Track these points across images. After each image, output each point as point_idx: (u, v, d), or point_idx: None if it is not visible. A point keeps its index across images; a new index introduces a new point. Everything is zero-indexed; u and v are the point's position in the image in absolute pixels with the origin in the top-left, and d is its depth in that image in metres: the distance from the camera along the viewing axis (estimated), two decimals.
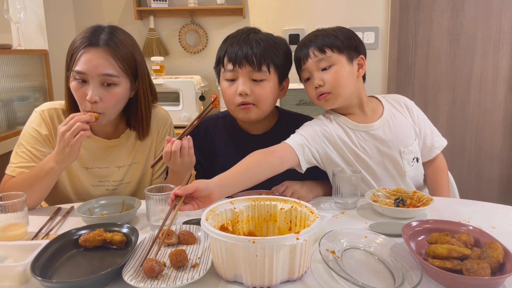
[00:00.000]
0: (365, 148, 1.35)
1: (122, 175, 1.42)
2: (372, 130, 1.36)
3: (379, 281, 0.84)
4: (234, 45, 1.32)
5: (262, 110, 1.36)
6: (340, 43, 1.32)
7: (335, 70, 1.31)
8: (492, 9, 2.87)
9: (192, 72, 2.92)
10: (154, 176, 1.46)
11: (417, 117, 1.42)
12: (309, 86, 1.36)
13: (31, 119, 1.37)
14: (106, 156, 1.40)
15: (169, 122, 1.49)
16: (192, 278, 0.83)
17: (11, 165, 1.31)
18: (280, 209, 1.00)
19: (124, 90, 1.29)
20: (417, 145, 1.40)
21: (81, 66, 1.23)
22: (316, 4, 2.84)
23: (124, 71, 1.27)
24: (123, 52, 1.26)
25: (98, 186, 1.40)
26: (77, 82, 1.25)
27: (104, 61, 1.23)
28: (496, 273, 0.82)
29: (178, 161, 1.20)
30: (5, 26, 2.34)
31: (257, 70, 1.31)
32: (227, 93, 1.36)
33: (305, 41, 1.36)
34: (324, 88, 1.31)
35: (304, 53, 1.34)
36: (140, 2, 2.86)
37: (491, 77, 2.95)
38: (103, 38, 1.25)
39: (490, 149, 3.03)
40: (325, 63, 1.31)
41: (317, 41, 1.33)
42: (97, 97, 1.23)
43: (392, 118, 1.39)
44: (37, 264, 0.85)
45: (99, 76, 1.23)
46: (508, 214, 1.19)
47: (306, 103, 2.51)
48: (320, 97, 1.33)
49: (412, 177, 1.40)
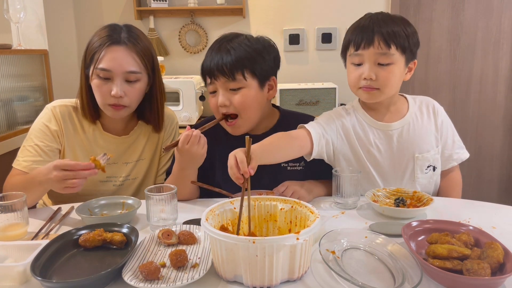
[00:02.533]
0: (379, 146, 1.33)
1: (129, 171, 1.45)
2: (389, 130, 1.33)
3: (379, 281, 0.84)
4: (208, 57, 1.34)
5: (247, 119, 1.35)
6: (406, 44, 1.25)
7: (391, 70, 1.25)
8: (492, 9, 2.87)
9: (192, 72, 2.92)
10: (159, 173, 1.50)
11: (440, 123, 1.37)
12: (354, 71, 1.29)
13: (41, 115, 1.39)
14: (115, 153, 1.42)
15: (175, 121, 1.54)
16: (192, 278, 0.83)
17: (18, 158, 1.33)
18: (280, 209, 1.00)
19: (144, 84, 1.36)
20: (436, 154, 1.36)
21: (106, 63, 1.27)
22: (316, 4, 2.84)
23: (145, 66, 1.33)
24: (143, 48, 1.32)
25: (106, 182, 1.42)
26: (100, 79, 1.29)
27: (129, 58, 1.29)
28: (496, 273, 0.82)
29: (194, 148, 1.22)
30: (5, 26, 2.34)
31: (232, 80, 1.30)
32: (211, 106, 1.38)
33: (370, 23, 1.26)
34: (374, 83, 1.26)
35: (367, 37, 1.24)
36: (140, 2, 2.86)
37: (491, 77, 2.94)
38: (124, 35, 1.30)
39: (490, 149, 3.03)
40: (385, 59, 1.24)
41: (386, 29, 1.23)
42: (122, 92, 1.28)
43: (414, 121, 1.35)
44: (37, 264, 0.85)
45: (124, 73, 1.28)
46: (508, 214, 1.19)
47: (306, 103, 2.51)
48: (365, 89, 1.28)
49: (423, 184, 1.36)
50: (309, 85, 2.55)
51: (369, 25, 1.26)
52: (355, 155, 1.34)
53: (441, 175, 1.42)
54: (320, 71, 2.89)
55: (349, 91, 1.35)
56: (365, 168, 1.34)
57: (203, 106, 2.82)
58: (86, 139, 1.40)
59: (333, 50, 2.88)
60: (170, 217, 1.13)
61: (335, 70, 2.87)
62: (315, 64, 2.91)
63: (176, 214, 1.15)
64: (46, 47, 2.42)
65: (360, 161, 1.33)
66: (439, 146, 1.37)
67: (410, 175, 1.35)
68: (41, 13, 2.43)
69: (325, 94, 2.49)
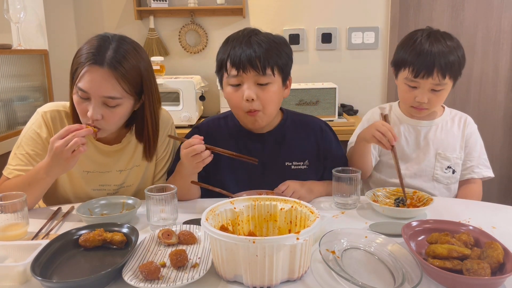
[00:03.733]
0: (407, 138, 1.51)
1: (123, 178, 1.41)
2: (419, 126, 1.51)
3: (379, 281, 0.84)
4: (237, 48, 1.28)
5: (268, 114, 1.34)
6: (459, 72, 1.40)
7: (443, 94, 1.41)
8: (492, 9, 2.87)
9: (192, 72, 2.92)
10: (156, 178, 1.45)
11: (468, 135, 1.51)
12: (409, 92, 1.43)
13: (32, 120, 1.35)
14: (108, 161, 1.38)
15: (170, 124, 1.48)
16: (192, 278, 0.83)
17: (9, 166, 1.30)
18: (280, 209, 1.00)
19: (126, 108, 1.27)
20: (458, 159, 1.49)
21: (83, 84, 1.19)
22: (316, 4, 2.84)
23: (128, 91, 1.23)
24: (128, 71, 1.21)
25: (99, 190, 1.39)
26: (79, 97, 1.22)
27: (107, 83, 1.19)
28: (496, 273, 0.82)
29: (195, 162, 1.19)
30: (5, 26, 2.34)
31: (262, 74, 1.27)
32: (232, 99, 1.33)
33: (429, 52, 1.36)
34: (426, 105, 1.42)
35: (427, 68, 1.35)
36: (140, 2, 2.86)
37: (491, 77, 2.94)
38: (109, 55, 1.20)
39: (490, 149, 3.00)
40: (439, 87, 1.39)
41: (443, 61, 1.35)
42: (98, 115, 1.21)
43: (443, 125, 1.51)
44: (37, 264, 0.85)
45: (101, 97, 1.20)
46: (508, 214, 1.20)
47: (306, 103, 2.50)
48: (418, 109, 1.44)
49: (440, 181, 1.48)
50: (309, 85, 2.55)
51: (430, 54, 1.36)
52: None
53: (460, 183, 1.51)
54: (320, 71, 2.89)
55: (349, 91, 1.36)
56: (390, 155, 1.44)
57: (203, 106, 2.82)
58: None
59: (333, 50, 2.88)
60: (170, 217, 1.13)
61: (335, 70, 2.87)
62: (315, 64, 2.91)
63: (176, 214, 1.15)
64: (46, 47, 2.42)
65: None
66: (462, 153, 1.50)
67: (429, 169, 1.48)
68: (41, 13, 2.43)
69: (325, 94, 2.49)
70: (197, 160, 1.19)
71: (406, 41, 1.44)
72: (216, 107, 2.82)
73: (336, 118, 2.51)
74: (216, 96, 2.79)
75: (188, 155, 1.18)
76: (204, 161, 1.20)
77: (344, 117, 2.61)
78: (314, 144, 1.43)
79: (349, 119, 2.54)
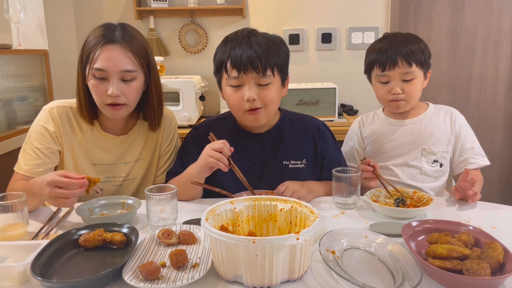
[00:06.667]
0: (393, 137, 1.55)
1: (128, 171, 1.45)
2: (403, 124, 1.55)
3: (379, 281, 0.84)
4: (237, 49, 1.28)
5: (269, 112, 1.35)
6: (423, 59, 1.45)
7: (415, 83, 1.46)
8: (492, 9, 2.87)
9: (192, 72, 2.92)
10: (158, 173, 1.50)
11: (458, 128, 1.53)
12: (383, 88, 1.49)
13: (39, 117, 1.39)
14: (114, 153, 1.42)
15: (174, 122, 1.54)
16: (192, 278, 0.83)
17: (20, 162, 1.33)
18: (280, 209, 1.00)
19: (141, 83, 1.34)
20: (445, 153, 1.52)
21: (101, 63, 1.26)
22: (316, 4, 2.84)
23: (140, 65, 1.32)
24: (137, 46, 1.31)
25: (105, 182, 1.42)
26: (96, 79, 1.28)
27: (124, 56, 1.27)
28: (496, 273, 0.82)
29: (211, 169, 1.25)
30: (5, 26, 2.34)
31: (262, 75, 1.28)
32: (232, 99, 1.33)
33: (389, 46, 1.45)
34: (401, 96, 1.47)
35: (391, 59, 1.44)
36: (140, 2, 2.86)
37: (491, 77, 2.94)
38: (118, 34, 1.29)
39: (490, 149, 3.02)
40: (408, 76, 1.45)
41: (405, 50, 1.43)
42: (119, 91, 1.28)
43: (427, 120, 1.54)
44: (37, 264, 0.85)
45: (119, 72, 1.27)
46: (508, 214, 1.20)
47: (306, 103, 2.50)
48: (396, 102, 1.48)
49: (429, 175, 1.52)
50: (309, 85, 2.55)
51: (390, 46, 1.46)
52: (374, 145, 1.59)
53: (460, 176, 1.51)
54: (320, 71, 2.89)
55: (348, 91, 1.36)
56: (380, 156, 1.56)
57: (203, 106, 2.82)
58: (85, 139, 1.40)
59: (333, 50, 2.88)
60: (170, 217, 1.13)
61: (335, 70, 2.87)
62: (315, 64, 2.91)
63: (176, 214, 1.15)
64: (46, 47, 2.42)
65: (377, 149, 1.57)
66: (451, 147, 1.52)
67: (418, 165, 1.52)
68: (41, 13, 2.43)
69: (325, 94, 2.49)
70: (215, 169, 1.24)
71: (370, 48, 1.54)
72: (216, 107, 2.82)
73: (336, 118, 2.51)
74: (216, 96, 2.79)
75: (211, 164, 1.22)
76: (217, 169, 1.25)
77: (344, 117, 2.61)
78: (311, 143, 1.44)
79: (349, 119, 2.54)
